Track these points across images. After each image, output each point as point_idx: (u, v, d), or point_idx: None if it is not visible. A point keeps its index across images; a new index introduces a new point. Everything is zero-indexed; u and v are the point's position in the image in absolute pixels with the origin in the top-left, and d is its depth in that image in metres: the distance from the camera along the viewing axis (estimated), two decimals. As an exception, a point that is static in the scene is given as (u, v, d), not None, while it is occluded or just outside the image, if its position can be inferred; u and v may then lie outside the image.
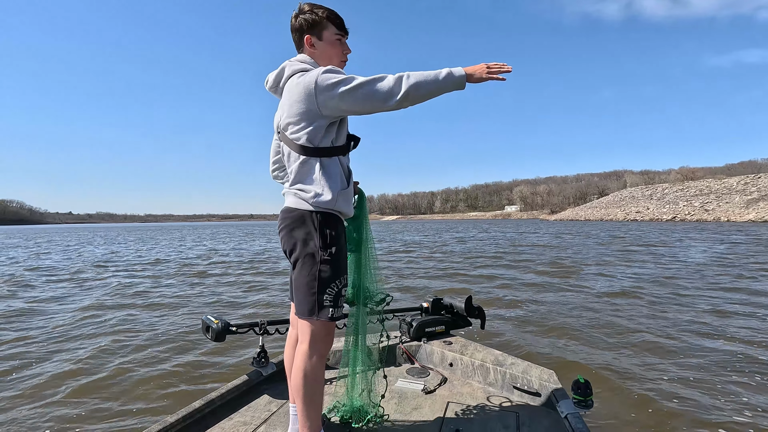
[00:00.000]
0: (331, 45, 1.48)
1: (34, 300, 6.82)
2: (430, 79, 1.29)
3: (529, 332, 4.48)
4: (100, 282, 8.90)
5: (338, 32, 1.48)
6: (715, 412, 2.66)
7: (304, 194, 1.39)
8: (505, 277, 8.49)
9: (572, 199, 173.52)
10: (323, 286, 1.37)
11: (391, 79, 1.28)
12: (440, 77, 1.30)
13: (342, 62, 1.52)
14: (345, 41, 1.52)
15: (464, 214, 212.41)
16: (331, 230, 1.39)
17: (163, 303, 6.34)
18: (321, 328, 1.40)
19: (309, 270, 1.37)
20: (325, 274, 1.37)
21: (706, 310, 5.25)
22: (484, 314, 2.52)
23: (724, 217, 56.08)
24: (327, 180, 1.38)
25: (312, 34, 1.46)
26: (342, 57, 1.52)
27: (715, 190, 75.21)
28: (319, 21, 1.45)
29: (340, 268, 1.40)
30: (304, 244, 1.38)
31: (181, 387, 3.12)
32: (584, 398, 1.64)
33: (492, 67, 1.33)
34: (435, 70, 1.31)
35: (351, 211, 1.51)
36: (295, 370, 1.42)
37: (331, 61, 1.48)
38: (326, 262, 1.37)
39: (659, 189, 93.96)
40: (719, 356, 3.61)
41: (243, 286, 8.04)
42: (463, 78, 1.32)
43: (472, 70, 1.33)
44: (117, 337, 4.42)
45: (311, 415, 1.41)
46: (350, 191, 1.47)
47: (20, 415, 2.73)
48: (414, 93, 1.29)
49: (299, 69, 1.43)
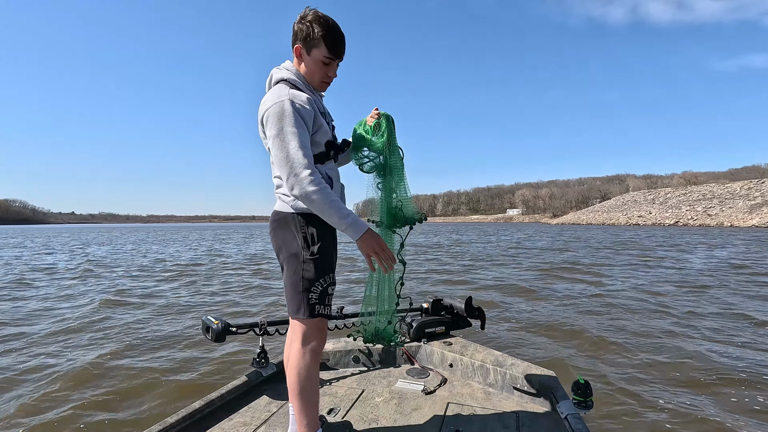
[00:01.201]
0: (315, 64, 1.42)
1: (35, 299, 6.85)
2: (328, 212, 1.31)
3: (529, 333, 4.47)
4: (99, 282, 8.93)
5: (328, 55, 1.41)
6: (716, 413, 2.64)
7: (286, 197, 1.43)
8: (505, 277, 8.49)
9: (574, 203, 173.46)
10: (308, 284, 1.38)
11: (303, 179, 1.27)
12: (340, 218, 1.31)
13: (323, 83, 1.48)
14: (335, 65, 1.45)
15: (466, 217, 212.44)
16: (314, 230, 1.40)
17: (163, 303, 6.35)
18: (310, 326, 1.41)
19: (294, 269, 1.40)
20: (309, 273, 1.38)
21: (719, 313, 5.24)
22: (484, 315, 2.52)
23: (728, 222, 55.91)
24: None
25: (303, 46, 1.41)
26: (324, 78, 1.46)
27: (718, 194, 75.08)
28: (313, 37, 1.38)
29: (324, 267, 1.41)
30: (287, 246, 1.42)
31: (181, 387, 3.12)
32: (584, 399, 1.64)
33: (380, 255, 1.35)
34: (342, 211, 1.32)
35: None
36: (289, 368, 1.44)
37: (311, 77, 1.45)
38: (309, 261, 1.39)
39: (662, 193, 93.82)
40: (722, 359, 3.58)
41: (243, 286, 8.06)
42: (357, 234, 1.32)
43: (364, 240, 1.33)
44: (116, 337, 4.43)
45: (307, 413, 1.41)
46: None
47: (19, 415, 2.72)
48: (306, 203, 1.31)
49: (279, 78, 1.44)
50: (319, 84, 1.47)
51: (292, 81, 1.42)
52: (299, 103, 1.34)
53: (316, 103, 1.44)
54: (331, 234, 1.48)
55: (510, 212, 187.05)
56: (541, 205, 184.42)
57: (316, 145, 1.42)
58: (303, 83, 1.44)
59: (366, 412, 1.81)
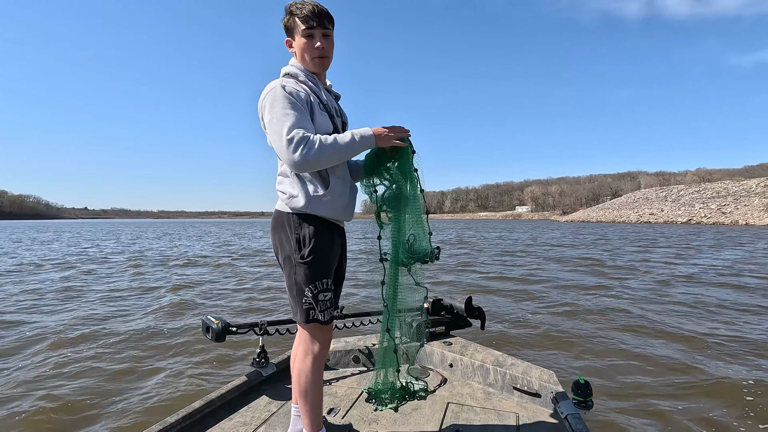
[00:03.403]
0: (301, 43, 1.38)
1: (36, 300, 6.97)
2: (339, 154, 1.30)
3: (529, 333, 4.44)
4: (98, 281, 9.05)
5: (305, 27, 1.35)
6: (717, 415, 2.61)
7: (283, 195, 1.41)
8: (505, 278, 8.43)
9: (584, 200, 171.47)
10: (300, 289, 1.37)
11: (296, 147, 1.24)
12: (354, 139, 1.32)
13: (316, 59, 1.39)
14: (317, 34, 1.37)
15: (474, 213, 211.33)
16: (307, 232, 1.37)
17: (163, 303, 6.38)
18: (311, 330, 1.41)
19: (288, 273, 1.40)
20: (300, 278, 1.37)
21: (725, 313, 5.15)
22: (484, 315, 2.51)
23: (743, 221, 54.81)
24: (300, 183, 1.38)
25: (288, 36, 1.42)
26: (313, 53, 1.38)
27: (732, 192, 73.60)
28: (290, 22, 1.39)
29: (315, 273, 1.36)
30: (282, 247, 1.41)
31: (180, 387, 3.13)
32: (584, 399, 1.63)
33: (395, 131, 1.38)
34: (345, 140, 1.31)
35: (336, 215, 1.44)
36: (293, 370, 1.47)
37: (304, 59, 1.41)
38: (300, 265, 1.36)
39: (674, 191, 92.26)
40: (725, 361, 3.53)
41: (248, 285, 8.11)
42: (371, 143, 1.36)
43: (379, 141, 1.37)
44: (116, 337, 4.44)
45: (310, 415, 1.44)
46: (333, 194, 1.40)
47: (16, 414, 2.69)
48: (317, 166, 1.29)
49: (283, 72, 1.44)
50: (313, 62, 1.40)
51: (292, 73, 1.42)
52: (291, 87, 1.33)
53: (317, 95, 1.41)
54: (330, 234, 1.43)
55: (519, 209, 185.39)
56: (550, 202, 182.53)
57: None
58: (304, 74, 1.42)
59: (366, 412, 1.82)
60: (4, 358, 3.74)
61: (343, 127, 1.50)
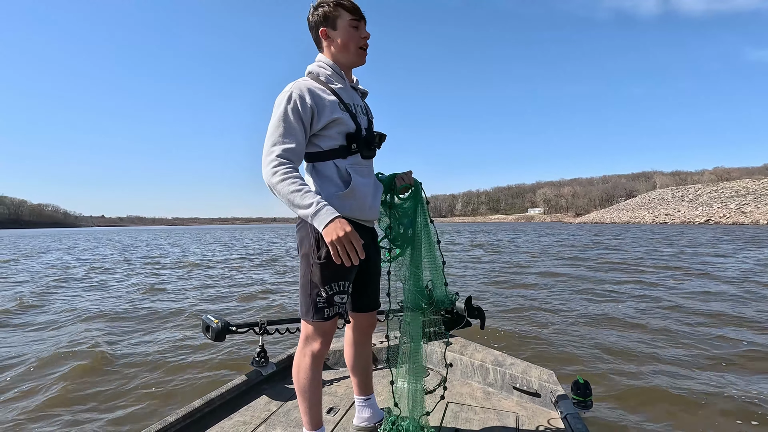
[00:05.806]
0: (345, 32, 1.40)
1: (37, 299, 7.14)
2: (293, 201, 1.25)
3: (529, 333, 4.40)
4: (96, 283, 9.22)
5: (352, 17, 1.39)
6: (719, 416, 2.57)
7: None
8: (505, 277, 8.35)
9: (598, 202, 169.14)
10: (314, 288, 1.37)
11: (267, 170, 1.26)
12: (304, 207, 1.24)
13: (360, 48, 1.43)
14: (363, 25, 1.43)
15: (486, 216, 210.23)
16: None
17: (163, 303, 6.43)
18: (314, 328, 1.41)
19: (303, 271, 1.40)
20: (316, 278, 1.37)
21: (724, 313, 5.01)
22: (484, 314, 2.48)
23: (764, 220, 53.35)
24: (319, 183, 1.38)
25: (327, 25, 1.41)
26: (359, 42, 1.42)
27: (753, 191, 71.78)
28: (331, 10, 1.39)
29: (333, 274, 1.36)
30: (302, 245, 1.41)
31: (180, 387, 3.13)
32: (583, 399, 1.62)
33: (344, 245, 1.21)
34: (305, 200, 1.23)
35: (358, 215, 1.42)
36: (293, 367, 1.47)
37: (347, 48, 1.41)
38: (317, 265, 1.36)
39: (691, 190, 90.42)
40: (724, 362, 3.45)
41: (251, 285, 8.18)
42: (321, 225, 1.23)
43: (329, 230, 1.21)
44: (116, 337, 4.49)
45: (307, 412, 1.44)
46: (354, 194, 1.38)
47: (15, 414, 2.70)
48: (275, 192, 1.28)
49: (307, 71, 1.45)
50: (356, 53, 1.42)
51: (315, 72, 1.42)
52: (301, 95, 1.32)
53: (337, 94, 1.40)
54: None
55: (531, 211, 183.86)
56: (563, 204, 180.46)
57: (330, 139, 1.37)
58: (331, 70, 1.43)
59: None
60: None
61: (369, 126, 1.49)
